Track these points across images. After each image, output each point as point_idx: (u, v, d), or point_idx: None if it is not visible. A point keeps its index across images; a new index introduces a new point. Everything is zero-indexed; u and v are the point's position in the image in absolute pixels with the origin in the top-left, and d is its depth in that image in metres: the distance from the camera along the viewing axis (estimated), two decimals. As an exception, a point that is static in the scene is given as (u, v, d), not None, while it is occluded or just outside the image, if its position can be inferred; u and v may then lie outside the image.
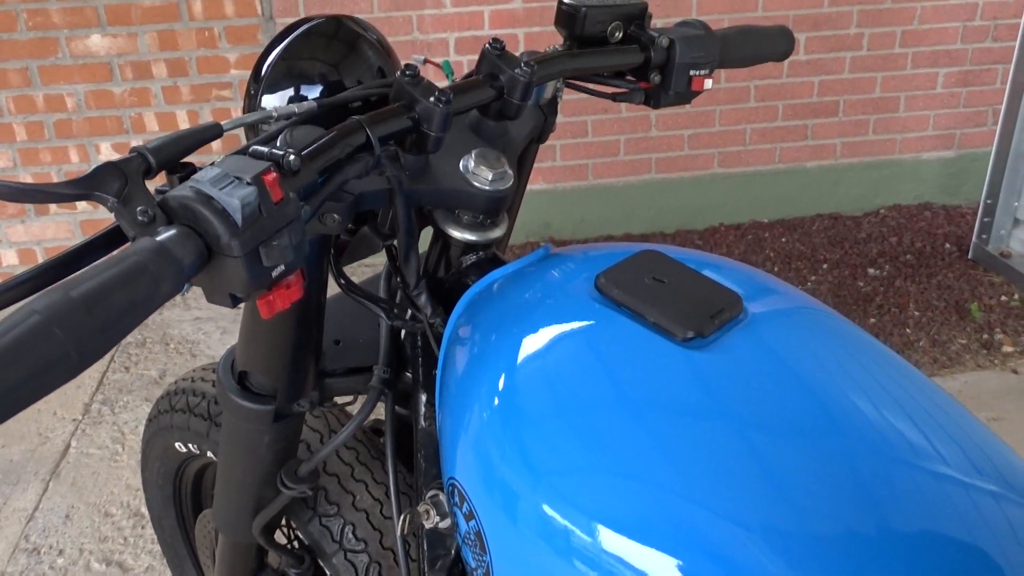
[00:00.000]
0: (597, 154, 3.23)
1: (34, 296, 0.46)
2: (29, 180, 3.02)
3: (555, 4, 0.86)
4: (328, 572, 1.10)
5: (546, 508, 0.58)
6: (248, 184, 0.53)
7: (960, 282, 2.84)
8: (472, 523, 0.64)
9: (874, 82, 3.23)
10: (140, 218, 0.53)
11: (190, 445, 1.18)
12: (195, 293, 2.99)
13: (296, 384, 0.83)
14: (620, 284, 0.67)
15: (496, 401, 0.65)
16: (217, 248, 0.53)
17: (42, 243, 3.12)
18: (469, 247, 0.80)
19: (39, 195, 0.53)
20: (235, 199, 0.52)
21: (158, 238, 0.51)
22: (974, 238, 2.96)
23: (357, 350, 0.90)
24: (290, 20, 2.87)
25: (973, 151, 3.35)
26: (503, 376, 0.66)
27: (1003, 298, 2.75)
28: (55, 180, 3.03)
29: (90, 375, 2.53)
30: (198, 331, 2.77)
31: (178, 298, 2.95)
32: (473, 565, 0.66)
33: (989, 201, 2.90)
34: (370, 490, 1.07)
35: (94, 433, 2.30)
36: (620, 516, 0.56)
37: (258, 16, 2.90)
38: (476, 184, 0.74)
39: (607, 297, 0.67)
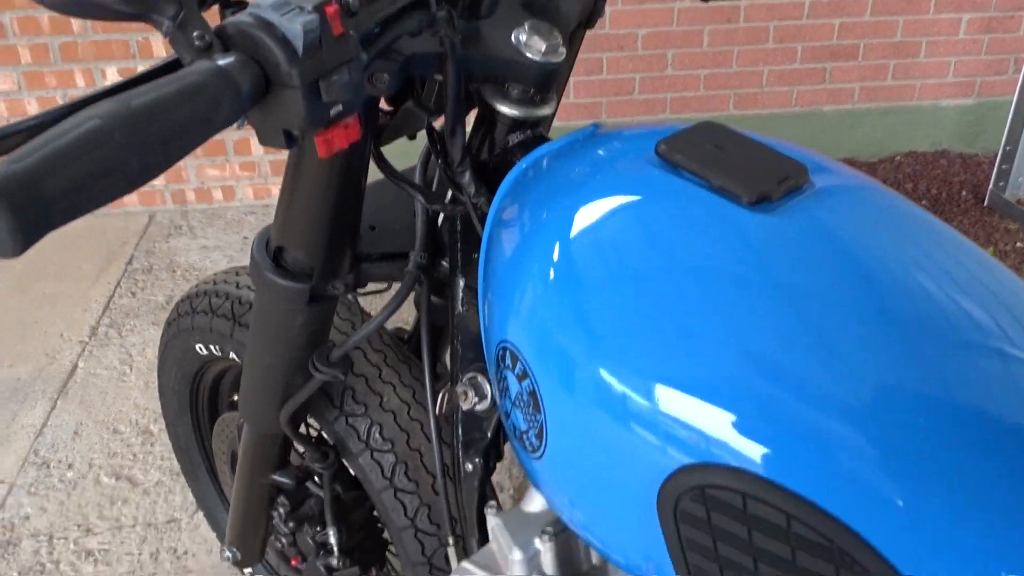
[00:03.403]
0: (611, 92, 3.18)
1: (92, 105, 0.45)
2: (34, 105, 2.98)
3: None
4: (352, 471, 1.09)
5: (603, 366, 0.57)
6: (310, 12, 0.51)
7: (976, 228, 2.82)
8: (526, 383, 0.63)
9: (896, 26, 3.17)
10: (197, 43, 0.51)
11: (212, 347, 1.16)
12: (199, 221, 2.97)
13: (333, 263, 0.81)
14: (682, 151, 0.64)
15: (556, 258, 0.63)
16: (276, 77, 0.51)
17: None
18: (516, 124, 0.78)
19: (95, 9, 0.51)
20: (297, 25, 0.50)
21: (218, 62, 0.49)
22: (991, 185, 2.93)
23: (392, 236, 0.89)
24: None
25: (993, 99, 3.30)
26: (561, 240, 0.64)
27: (1019, 244, 2.73)
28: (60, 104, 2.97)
29: (96, 299, 2.51)
30: (205, 259, 2.75)
31: (184, 225, 2.92)
32: (524, 427, 0.65)
33: (1008, 148, 2.86)
34: (397, 392, 1.06)
35: (101, 354, 2.29)
36: (677, 372, 0.55)
37: (270, -62, 2.83)
38: (529, 55, 0.72)
39: (668, 162, 0.65)
